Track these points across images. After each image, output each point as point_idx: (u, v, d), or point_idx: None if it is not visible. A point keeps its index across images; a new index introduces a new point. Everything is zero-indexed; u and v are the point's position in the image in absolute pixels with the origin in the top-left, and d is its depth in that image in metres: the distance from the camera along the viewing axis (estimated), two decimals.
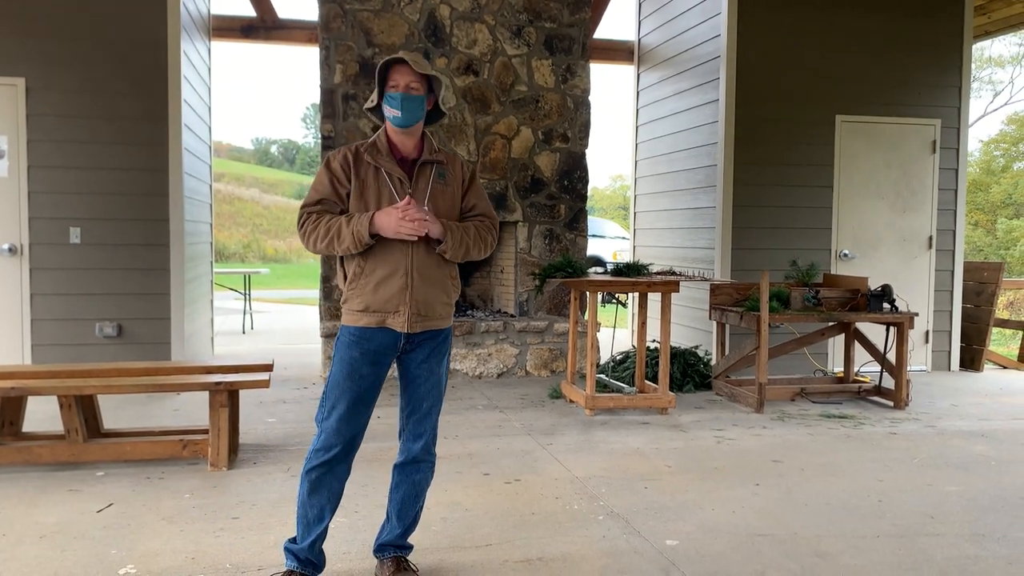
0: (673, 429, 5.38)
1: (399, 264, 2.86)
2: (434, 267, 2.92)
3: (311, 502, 2.92)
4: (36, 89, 6.19)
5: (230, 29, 8.10)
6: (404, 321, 2.87)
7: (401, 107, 2.86)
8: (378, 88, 2.91)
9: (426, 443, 3.03)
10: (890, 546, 3.43)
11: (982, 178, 24.06)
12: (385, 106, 2.90)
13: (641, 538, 3.48)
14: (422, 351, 2.96)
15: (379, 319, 2.88)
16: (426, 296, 2.90)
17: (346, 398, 2.88)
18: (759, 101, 7.28)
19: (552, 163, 7.44)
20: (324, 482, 2.90)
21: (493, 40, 7.28)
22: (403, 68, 2.88)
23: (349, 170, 2.90)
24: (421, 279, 2.89)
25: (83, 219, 6.28)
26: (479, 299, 8.06)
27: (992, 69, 26.51)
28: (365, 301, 2.87)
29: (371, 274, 2.87)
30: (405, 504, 3.05)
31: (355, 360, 2.88)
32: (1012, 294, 14.10)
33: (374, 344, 2.89)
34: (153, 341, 6.40)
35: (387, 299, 2.86)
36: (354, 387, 2.88)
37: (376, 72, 2.90)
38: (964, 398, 6.56)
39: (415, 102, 2.88)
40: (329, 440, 2.89)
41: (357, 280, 2.89)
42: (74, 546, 3.32)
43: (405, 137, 2.94)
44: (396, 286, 2.86)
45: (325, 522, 2.94)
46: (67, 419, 4.27)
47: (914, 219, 7.72)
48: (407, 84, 2.87)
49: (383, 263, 2.86)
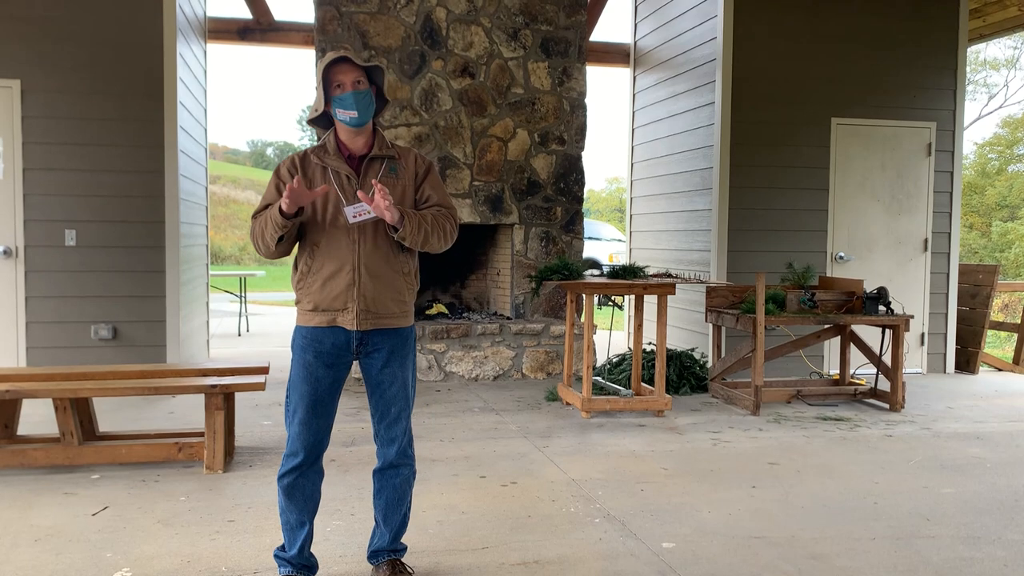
0: (669, 431, 5.38)
1: (345, 260, 2.81)
2: (383, 263, 2.86)
3: (289, 508, 2.92)
4: (31, 91, 6.18)
5: (226, 31, 8.10)
6: (353, 319, 2.82)
7: (356, 106, 2.79)
8: (323, 94, 2.82)
9: (400, 447, 2.98)
10: (886, 548, 3.44)
11: (977, 181, 24.13)
12: (337, 110, 2.82)
13: (637, 540, 3.48)
14: (380, 355, 2.90)
15: (329, 318, 2.84)
16: (375, 293, 2.84)
17: (304, 402, 2.85)
18: (755, 104, 7.29)
19: (548, 165, 7.44)
20: (297, 487, 2.89)
21: (489, 42, 7.28)
22: (344, 66, 2.81)
23: (296, 172, 2.85)
24: (369, 275, 2.83)
25: (78, 221, 6.26)
26: (475, 301, 8.06)
27: (987, 72, 26.61)
28: (314, 300, 2.84)
29: (318, 272, 2.83)
30: (389, 509, 3.03)
31: (310, 363, 2.85)
32: (1007, 297, 14.14)
33: (326, 346, 2.85)
34: (148, 344, 6.39)
35: (335, 296, 2.82)
36: (311, 391, 2.84)
37: (320, 78, 2.82)
38: (959, 400, 6.57)
39: (366, 97, 2.82)
40: (293, 446, 2.87)
41: (305, 278, 2.86)
42: (69, 549, 3.31)
43: (355, 135, 2.88)
44: (343, 283, 2.81)
45: (307, 526, 2.94)
46: (62, 422, 4.26)
47: (909, 222, 7.74)
48: (354, 81, 2.80)
49: (330, 260, 2.82)
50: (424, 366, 6.95)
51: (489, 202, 7.29)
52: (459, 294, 8.15)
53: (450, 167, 7.20)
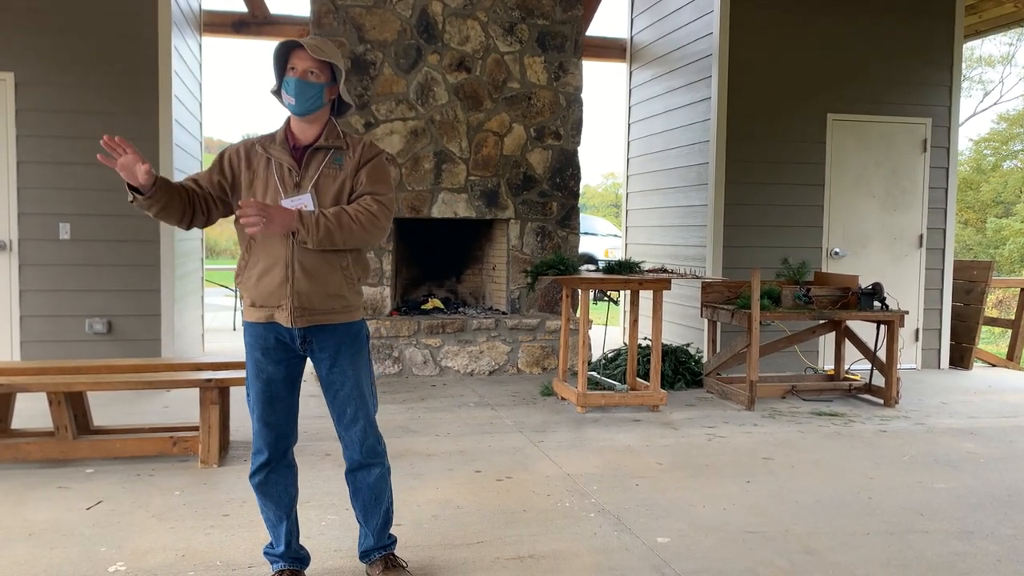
0: (664, 426, 5.39)
1: (279, 256, 2.73)
2: (318, 259, 2.75)
3: (265, 505, 2.91)
4: (25, 84, 6.15)
5: (221, 24, 8.07)
6: (288, 316, 2.74)
7: (296, 93, 2.73)
8: (276, 71, 2.77)
9: (366, 448, 2.89)
10: (880, 543, 3.45)
11: (972, 177, 24.16)
12: (283, 91, 2.77)
13: (632, 535, 3.48)
14: (325, 353, 2.82)
15: (267, 314, 2.78)
16: (309, 289, 2.74)
17: (260, 399, 2.81)
18: (751, 99, 7.29)
19: (544, 160, 7.43)
20: (269, 483, 2.87)
21: (485, 37, 7.26)
22: (301, 53, 2.73)
23: (239, 161, 2.80)
24: (303, 271, 2.73)
25: (73, 215, 6.24)
26: (471, 296, 8.05)
27: (982, 68, 26.62)
28: (251, 295, 2.79)
29: (254, 267, 2.77)
30: (368, 509, 2.97)
31: (259, 360, 2.81)
32: (1001, 293, 14.18)
33: (270, 342, 2.80)
34: (143, 338, 6.37)
35: (269, 293, 2.75)
36: (264, 388, 2.81)
37: (273, 54, 2.76)
38: (953, 396, 6.59)
39: (312, 89, 2.74)
40: (257, 444, 2.85)
41: (243, 273, 2.80)
42: (63, 544, 3.30)
43: (305, 125, 2.82)
44: (277, 279, 2.74)
45: (286, 521, 2.91)
46: (56, 416, 4.25)
47: (904, 217, 7.75)
48: (305, 70, 2.73)
49: (265, 255, 2.75)
50: (419, 361, 6.95)
51: (485, 197, 7.28)
52: (455, 289, 8.15)
53: (446, 162, 7.18)
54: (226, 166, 2.82)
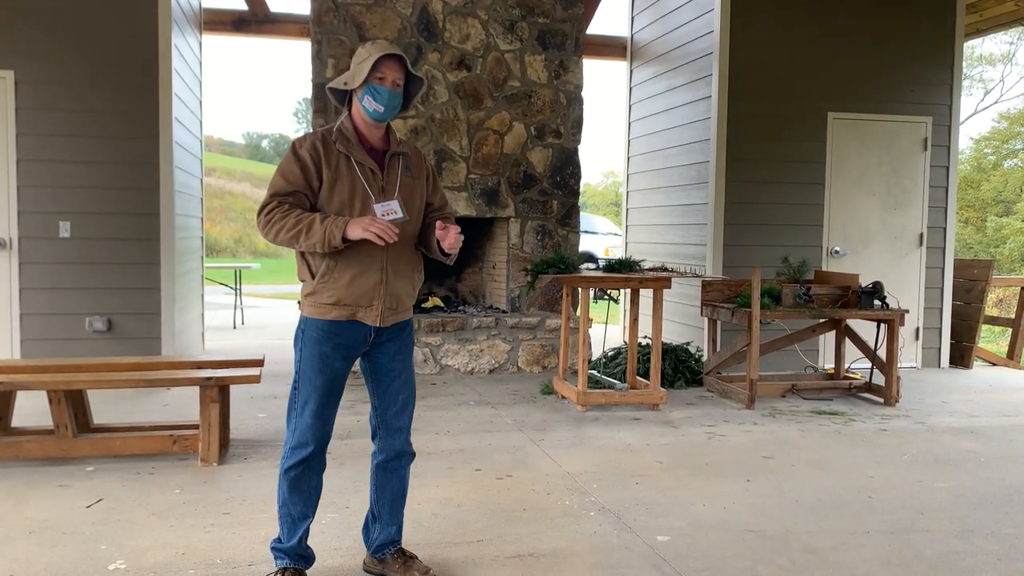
0: (664, 425, 5.39)
1: (375, 259, 2.83)
2: (405, 261, 2.93)
3: (293, 500, 2.91)
4: (25, 82, 6.15)
5: (221, 22, 8.07)
6: (377, 315, 2.86)
7: (387, 103, 2.83)
8: (364, 75, 2.82)
9: (406, 436, 3.04)
10: (880, 542, 3.45)
11: (973, 175, 24.17)
12: (366, 96, 2.83)
13: (632, 534, 3.48)
14: (392, 345, 2.96)
15: (350, 312, 2.84)
16: (397, 290, 2.90)
17: (319, 394, 2.85)
18: (751, 98, 7.28)
19: (545, 159, 7.43)
20: (303, 479, 2.90)
21: (486, 35, 7.26)
22: (395, 64, 2.85)
23: (319, 159, 2.82)
24: (395, 274, 2.88)
25: (73, 213, 6.24)
26: (471, 295, 8.05)
27: (983, 67, 26.62)
28: (337, 295, 2.82)
29: (345, 268, 2.82)
30: (396, 501, 3.06)
31: (327, 355, 2.85)
32: (1001, 292, 14.18)
33: (344, 338, 2.86)
34: (143, 336, 6.37)
35: (361, 293, 2.83)
36: (327, 382, 2.86)
37: (360, 58, 2.84)
38: (954, 395, 6.59)
39: (398, 99, 2.88)
40: (303, 437, 2.87)
41: (331, 273, 2.82)
42: (63, 542, 3.30)
43: (374, 128, 2.91)
44: (372, 280, 2.83)
45: (309, 518, 2.94)
46: (56, 414, 4.25)
47: (905, 216, 7.75)
48: (395, 80, 2.85)
49: (359, 257, 2.81)
50: (420, 359, 6.95)
51: (485, 195, 7.28)
52: (455, 287, 8.15)
53: (446, 160, 7.18)
54: (311, 165, 2.82)
